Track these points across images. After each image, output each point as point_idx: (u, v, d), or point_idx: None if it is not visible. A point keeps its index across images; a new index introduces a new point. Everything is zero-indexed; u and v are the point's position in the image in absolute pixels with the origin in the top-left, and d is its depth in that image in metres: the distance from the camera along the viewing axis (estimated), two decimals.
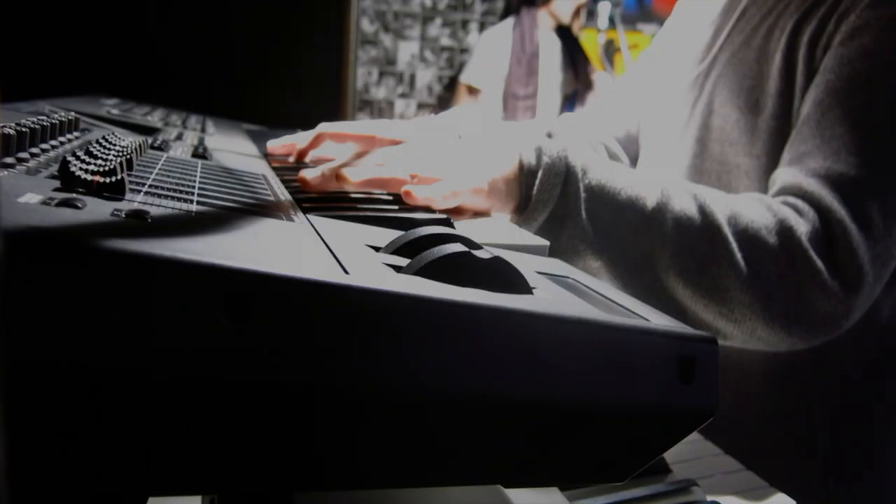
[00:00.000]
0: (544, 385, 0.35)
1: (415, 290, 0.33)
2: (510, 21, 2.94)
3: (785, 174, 0.70)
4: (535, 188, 0.64)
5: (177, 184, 0.50)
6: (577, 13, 2.91)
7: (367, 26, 3.17)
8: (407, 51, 3.25)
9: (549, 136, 0.94)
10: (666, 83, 0.99)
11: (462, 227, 0.58)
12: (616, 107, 1.09)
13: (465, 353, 0.34)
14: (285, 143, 0.91)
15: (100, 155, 0.48)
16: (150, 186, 0.46)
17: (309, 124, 2.79)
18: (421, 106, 3.33)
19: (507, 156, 0.65)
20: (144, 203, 0.40)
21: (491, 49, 2.91)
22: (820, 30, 0.75)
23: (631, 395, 0.37)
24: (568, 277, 0.49)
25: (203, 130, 1.06)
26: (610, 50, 2.91)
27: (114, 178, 0.41)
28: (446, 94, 3.33)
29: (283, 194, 0.57)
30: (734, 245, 0.64)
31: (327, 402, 0.31)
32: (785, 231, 0.64)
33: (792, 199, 0.68)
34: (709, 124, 0.86)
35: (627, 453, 0.39)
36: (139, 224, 0.34)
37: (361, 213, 0.54)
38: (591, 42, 3.06)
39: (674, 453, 0.67)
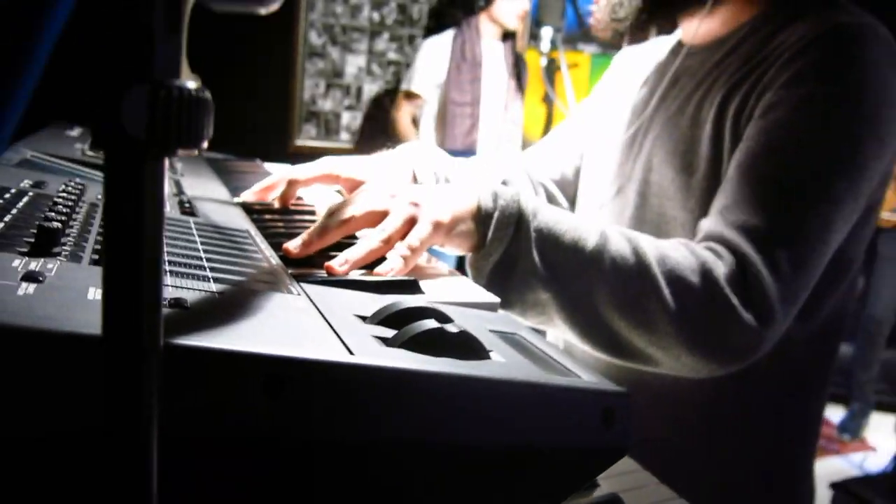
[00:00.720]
0: (501, 433, 0.46)
1: (402, 363, 0.44)
2: (451, 32, 3.06)
3: (709, 223, 0.83)
4: (492, 228, 0.75)
5: (186, 255, 0.59)
6: (522, 19, 3.01)
7: (315, 39, 3.25)
8: (354, 64, 3.34)
9: (504, 182, 1.04)
10: (605, 136, 1.11)
11: (425, 284, 0.69)
12: (555, 150, 1.20)
13: (441, 411, 0.44)
14: (256, 192, 1.00)
15: None
16: (168, 263, 0.55)
17: (257, 135, 3.01)
18: (368, 118, 3.42)
19: (466, 199, 0.76)
20: (173, 285, 0.50)
21: (432, 57, 3.02)
22: (743, 104, 0.88)
23: (567, 438, 0.48)
24: (516, 334, 0.60)
25: (171, 167, 1.14)
26: (551, 69, 3.05)
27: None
28: (386, 102, 3.43)
29: (273, 258, 0.66)
30: (662, 283, 0.75)
31: (338, 453, 0.42)
32: (706, 272, 0.77)
33: (713, 245, 0.80)
34: (648, 180, 0.98)
35: (563, 483, 0.50)
36: (183, 314, 0.44)
37: (342, 279, 0.64)
38: (534, 63, 3.20)
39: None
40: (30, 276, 0.44)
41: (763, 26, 0.93)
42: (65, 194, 0.70)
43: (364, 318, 0.53)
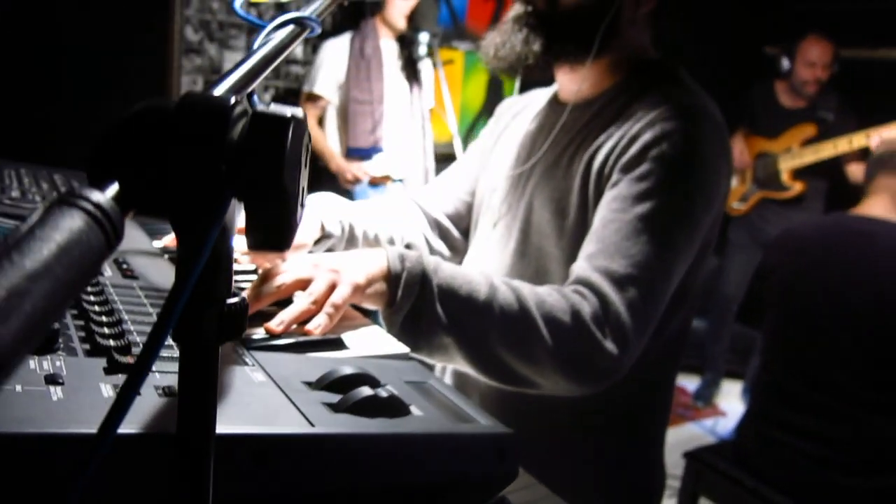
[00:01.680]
0: (423, 473, 0.63)
1: (348, 429, 0.59)
2: (349, 33, 3.16)
3: (578, 268, 1.01)
4: (401, 287, 0.91)
5: (142, 327, 0.71)
6: (409, 19, 3.15)
7: (192, 35, 3.25)
8: (232, 60, 3.37)
9: (408, 246, 1.17)
10: (493, 177, 1.29)
11: (347, 337, 0.84)
12: (448, 188, 1.37)
13: (379, 461, 0.61)
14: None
15: (107, 314, 0.69)
16: (138, 341, 0.68)
17: None
18: None
19: (377, 263, 0.91)
20: (158, 369, 0.63)
21: (331, 58, 3.10)
22: (604, 165, 1.07)
23: (470, 472, 0.65)
24: (425, 383, 0.77)
25: None
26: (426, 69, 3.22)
27: (129, 349, 0.63)
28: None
29: None
30: (541, 324, 0.94)
31: (306, 501, 0.57)
32: (575, 313, 0.95)
33: (580, 288, 0.98)
34: (530, 220, 1.17)
35: None
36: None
37: (281, 343, 0.78)
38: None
39: None
40: (51, 380, 0.56)
41: (622, 94, 1.12)
42: None
43: (310, 384, 0.68)
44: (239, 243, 1.16)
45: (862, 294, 1.87)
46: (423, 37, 3.03)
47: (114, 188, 0.33)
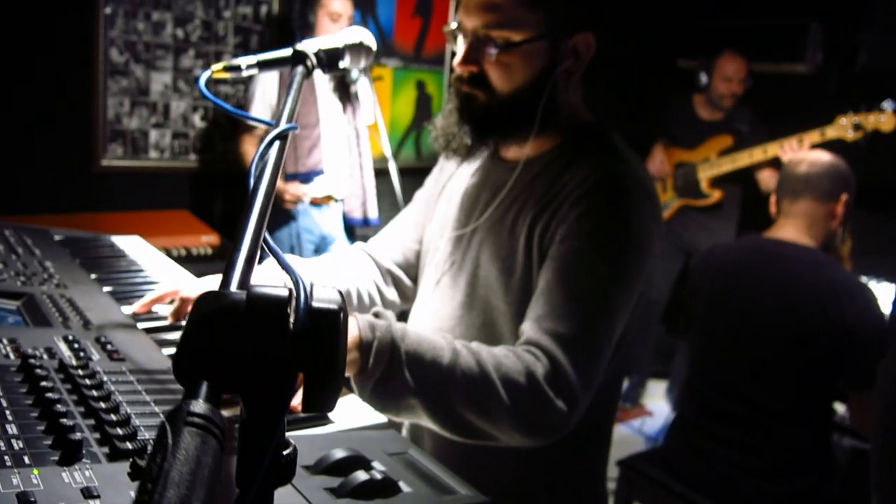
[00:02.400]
0: None
1: None
2: None
3: (528, 330, 1.12)
4: (372, 355, 0.99)
5: (146, 420, 0.78)
6: None
7: (117, 57, 3.22)
8: (160, 81, 3.35)
9: (377, 315, 1.19)
10: (439, 227, 1.37)
11: None
12: (396, 238, 1.46)
13: None
14: (145, 304, 1.17)
15: (114, 411, 0.75)
16: (145, 439, 0.75)
17: (60, 157, 3.09)
18: (176, 135, 3.45)
19: (350, 332, 0.99)
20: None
21: (264, 86, 3.12)
22: (546, 228, 1.18)
23: None
24: (406, 453, 0.86)
25: (49, 276, 1.26)
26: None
27: (140, 445, 0.70)
28: (203, 124, 3.50)
29: None
30: (499, 386, 1.04)
31: None
32: (530, 374, 1.06)
33: (533, 349, 1.09)
34: (477, 274, 1.26)
35: None
36: None
37: None
38: None
39: None
40: (88, 493, 0.63)
41: (560, 156, 1.23)
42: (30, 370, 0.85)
43: (309, 468, 0.77)
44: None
45: (775, 313, 2.06)
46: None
47: (204, 389, 0.41)
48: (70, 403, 0.78)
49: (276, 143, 0.76)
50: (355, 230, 3.44)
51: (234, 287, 0.50)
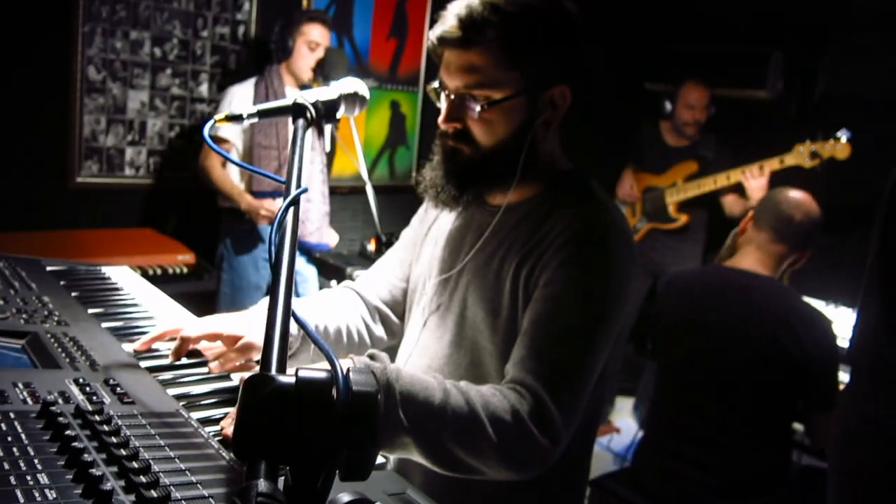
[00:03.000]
0: None
1: None
2: (253, 79, 3.25)
3: (513, 369, 1.19)
4: None
5: (173, 470, 0.84)
6: (314, 71, 3.26)
7: (94, 75, 3.24)
8: (136, 99, 3.38)
9: (372, 357, 1.20)
10: (427, 267, 1.44)
11: None
12: (384, 276, 1.52)
13: None
14: (145, 343, 1.23)
15: (134, 458, 0.81)
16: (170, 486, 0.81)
17: (35, 173, 3.15)
18: (151, 153, 3.48)
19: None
20: None
21: (236, 102, 3.17)
22: (531, 273, 1.25)
23: None
24: (405, 493, 0.93)
25: (49, 313, 1.31)
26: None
27: (164, 493, 0.76)
28: (179, 142, 3.53)
29: (214, 443, 0.93)
30: (487, 424, 1.11)
31: None
32: (515, 412, 1.13)
33: (518, 388, 1.16)
34: (464, 314, 1.33)
35: None
36: None
37: None
38: None
39: None
40: None
41: (543, 203, 1.30)
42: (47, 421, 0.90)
43: None
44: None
45: (737, 340, 2.17)
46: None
47: (264, 467, 0.48)
48: (93, 451, 0.84)
49: (292, 209, 0.83)
50: (312, 253, 3.53)
51: (275, 367, 0.57)
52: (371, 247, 3.47)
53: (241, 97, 3.20)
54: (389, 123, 4.31)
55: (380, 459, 1.02)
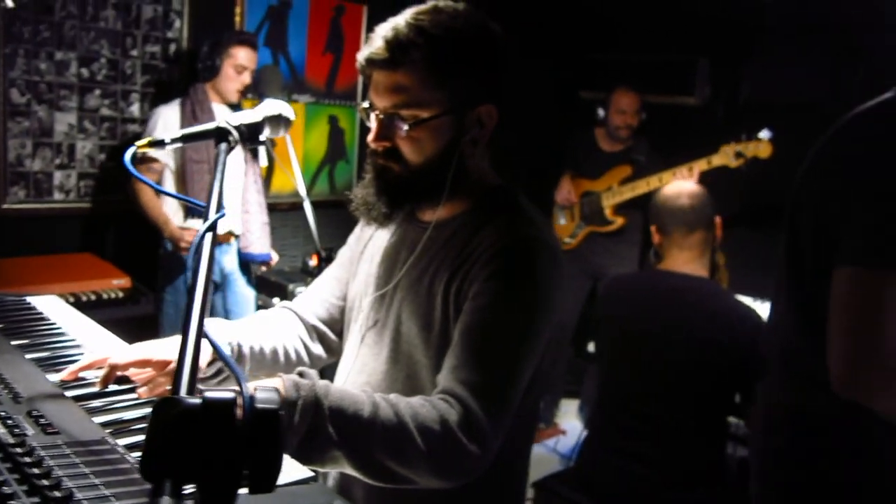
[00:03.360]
0: None
1: None
2: (179, 99, 3.24)
3: (443, 380, 1.21)
4: (297, 413, 1.07)
5: (87, 492, 0.85)
6: (241, 93, 3.27)
7: (18, 97, 3.18)
8: (64, 121, 3.33)
9: (301, 374, 1.21)
10: (362, 284, 1.46)
11: None
12: (321, 295, 1.53)
13: None
14: (72, 372, 1.22)
15: (56, 488, 0.82)
16: None
17: None
18: (82, 175, 3.43)
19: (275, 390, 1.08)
20: None
21: (165, 124, 3.15)
22: (460, 287, 1.28)
23: None
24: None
25: None
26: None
27: None
28: (110, 164, 3.48)
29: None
30: (416, 435, 1.13)
31: None
32: (444, 422, 1.15)
33: (448, 398, 1.18)
34: (399, 330, 1.35)
35: None
36: None
37: None
38: None
39: None
40: None
41: (472, 219, 1.33)
42: None
43: None
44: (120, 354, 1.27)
45: (675, 341, 2.25)
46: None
47: (169, 486, 0.50)
48: (13, 483, 0.84)
49: (209, 235, 0.85)
50: (250, 266, 3.54)
51: (184, 390, 0.59)
52: (313, 262, 3.47)
53: (167, 118, 3.18)
54: (328, 138, 4.32)
55: (308, 473, 1.03)
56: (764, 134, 3.53)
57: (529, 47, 4.66)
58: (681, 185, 2.47)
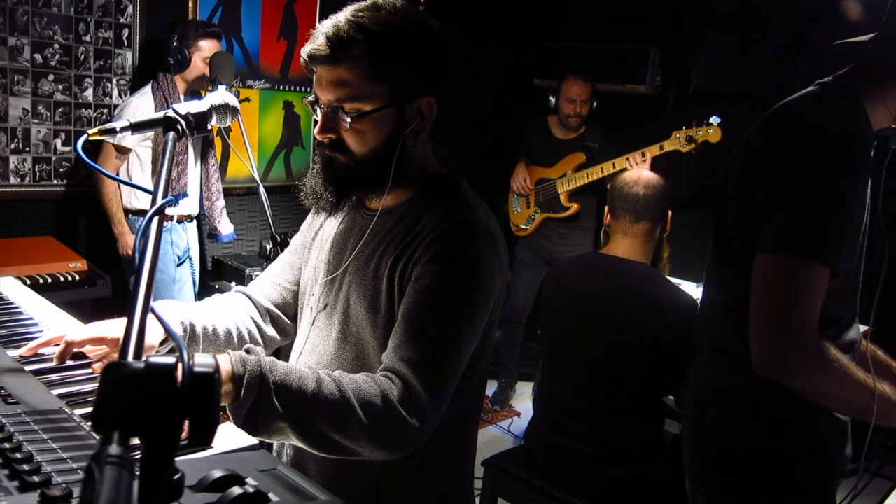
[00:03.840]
0: None
1: None
2: (149, 87, 3.30)
3: (386, 358, 1.30)
4: (244, 387, 1.15)
5: (55, 460, 0.93)
6: (210, 80, 3.33)
7: None
8: (18, 106, 3.34)
9: (248, 351, 1.28)
10: (313, 269, 1.54)
11: None
12: (274, 279, 1.61)
13: None
14: (32, 348, 1.29)
15: (17, 450, 0.89)
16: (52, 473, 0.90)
17: None
18: (37, 160, 3.44)
19: (223, 367, 1.16)
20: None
21: (135, 110, 3.21)
22: (404, 270, 1.36)
23: None
24: (275, 469, 1.04)
25: None
26: None
27: (45, 477, 0.85)
28: (65, 149, 3.50)
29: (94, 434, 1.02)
30: (358, 408, 1.22)
31: None
32: (385, 396, 1.24)
33: (390, 375, 1.27)
34: (348, 312, 1.44)
35: None
36: None
37: None
38: None
39: None
40: None
41: (416, 206, 1.42)
42: None
43: (192, 487, 0.94)
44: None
45: (610, 322, 2.36)
46: (221, 89, 3.24)
47: (116, 436, 0.59)
48: None
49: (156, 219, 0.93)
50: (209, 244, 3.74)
51: (131, 356, 0.67)
52: (270, 247, 3.55)
53: (137, 105, 3.27)
54: (284, 123, 4.37)
55: (253, 441, 1.12)
56: (714, 119, 3.66)
57: (485, 34, 4.75)
58: (641, 174, 2.54)
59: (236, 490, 0.92)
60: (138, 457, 0.61)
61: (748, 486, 1.63)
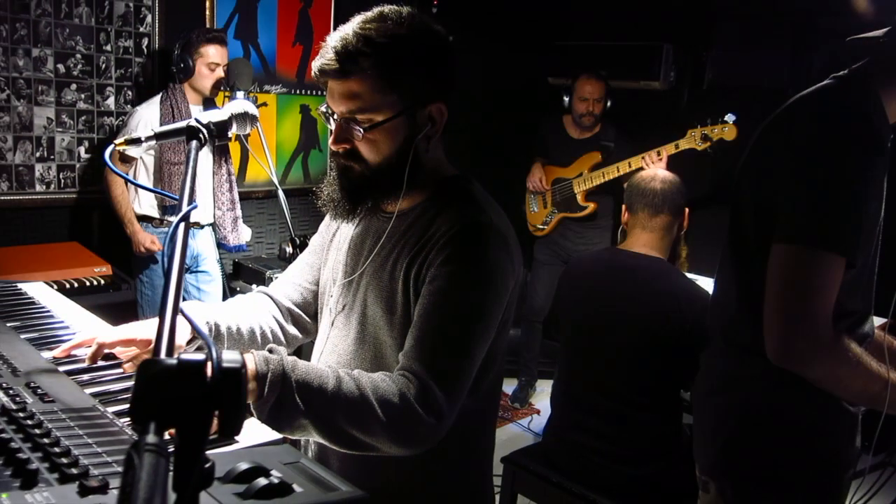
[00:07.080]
0: None
1: None
2: (158, 97, 3.37)
3: (403, 359, 1.35)
4: (267, 385, 1.21)
5: (94, 454, 0.99)
6: (216, 87, 3.41)
7: None
8: (42, 115, 3.43)
9: (271, 350, 1.33)
10: (333, 270, 1.59)
11: None
12: (295, 279, 1.67)
13: None
14: (65, 350, 1.36)
15: (56, 444, 0.95)
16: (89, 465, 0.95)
17: None
18: (62, 168, 3.54)
19: (247, 366, 1.21)
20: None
21: (143, 122, 3.29)
22: (419, 271, 1.41)
23: None
24: (298, 462, 1.10)
25: None
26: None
27: (82, 469, 0.91)
28: (88, 156, 3.59)
29: (127, 430, 1.07)
30: (377, 406, 1.27)
31: None
32: (402, 395, 1.29)
33: (407, 374, 1.32)
34: (366, 313, 1.49)
35: None
36: None
37: None
38: None
39: None
40: None
41: (430, 208, 1.46)
42: None
43: (220, 479, 0.99)
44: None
45: (628, 318, 2.39)
46: (240, 95, 3.31)
47: (153, 426, 0.64)
48: (18, 441, 0.98)
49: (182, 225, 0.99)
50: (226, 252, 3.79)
51: (163, 353, 0.73)
52: (289, 249, 3.62)
53: (147, 117, 3.32)
54: (301, 127, 4.44)
55: (277, 436, 1.18)
56: (729, 117, 3.67)
57: (498, 35, 4.79)
58: (657, 172, 2.58)
59: (262, 481, 0.97)
60: (172, 448, 0.67)
61: (757, 473, 1.66)
